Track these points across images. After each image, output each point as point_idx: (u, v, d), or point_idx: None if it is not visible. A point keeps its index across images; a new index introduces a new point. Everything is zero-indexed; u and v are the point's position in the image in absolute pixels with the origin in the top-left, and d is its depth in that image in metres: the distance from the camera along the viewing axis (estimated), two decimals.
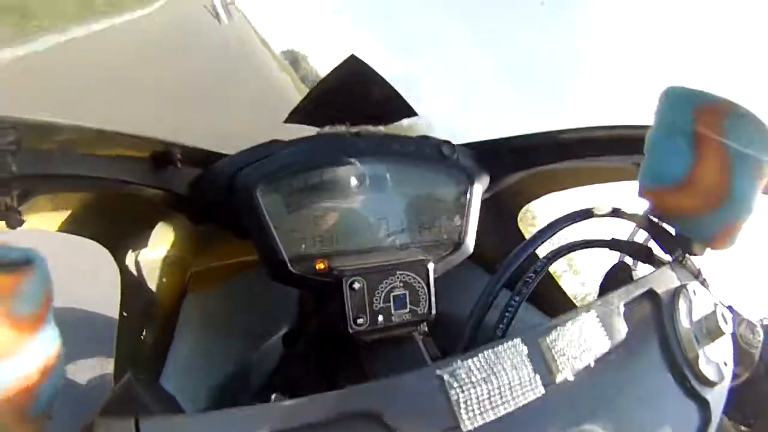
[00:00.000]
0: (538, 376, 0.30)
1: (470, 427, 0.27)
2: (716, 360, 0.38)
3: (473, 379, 0.28)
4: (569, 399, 0.31)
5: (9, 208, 0.38)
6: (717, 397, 0.37)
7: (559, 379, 0.31)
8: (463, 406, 0.27)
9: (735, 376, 0.40)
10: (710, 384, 0.37)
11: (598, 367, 0.33)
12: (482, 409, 0.28)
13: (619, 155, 0.55)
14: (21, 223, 0.39)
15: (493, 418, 0.28)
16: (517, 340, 0.31)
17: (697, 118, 0.37)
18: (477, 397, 0.28)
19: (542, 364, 0.31)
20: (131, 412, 0.24)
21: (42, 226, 0.47)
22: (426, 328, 0.51)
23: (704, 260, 0.44)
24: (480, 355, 0.30)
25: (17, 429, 0.22)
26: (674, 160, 0.38)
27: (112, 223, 0.55)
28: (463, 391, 0.28)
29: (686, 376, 0.37)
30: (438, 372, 0.28)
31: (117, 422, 0.22)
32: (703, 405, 0.37)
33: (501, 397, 0.29)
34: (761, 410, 0.43)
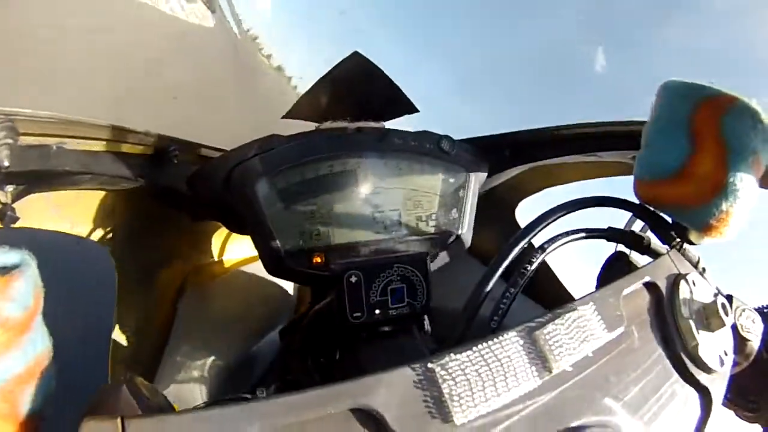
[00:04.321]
0: (533, 368, 0.30)
1: (463, 420, 0.27)
2: (716, 349, 0.38)
3: (466, 372, 0.28)
4: (566, 390, 0.31)
5: (4, 205, 0.38)
6: (718, 385, 0.37)
7: (555, 370, 0.31)
8: (456, 399, 0.27)
9: (735, 364, 0.40)
10: (711, 372, 0.37)
11: (596, 358, 0.33)
12: (476, 402, 0.27)
13: (616, 150, 0.55)
14: (15, 220, 0.39)
15: (486, 411, 0.27)
16: (512, 333, 0.31)
17: (694, 111, 0.37)
18: (470, 390, 0.28)
19: (538, 356, 0.31)
20: (118, 411, 0.23)
21: (37, 223, 0.47)
22: (423, 321, 0.51)
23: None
24: (473, 347, 0.29)
25: (10, 428, 0.22)
26: (671, 151, 0.38)
27: (108, 220, 0.54)
28: (456, 384, 0.27)
29: (686, 365, 0.37)
30: (430, 365, 0.28)
31: (103, 421, 0.21)
32: (704, 393, 0.37)
33: (495, 390, 0.28)
34: (764, 396, 0.43)
